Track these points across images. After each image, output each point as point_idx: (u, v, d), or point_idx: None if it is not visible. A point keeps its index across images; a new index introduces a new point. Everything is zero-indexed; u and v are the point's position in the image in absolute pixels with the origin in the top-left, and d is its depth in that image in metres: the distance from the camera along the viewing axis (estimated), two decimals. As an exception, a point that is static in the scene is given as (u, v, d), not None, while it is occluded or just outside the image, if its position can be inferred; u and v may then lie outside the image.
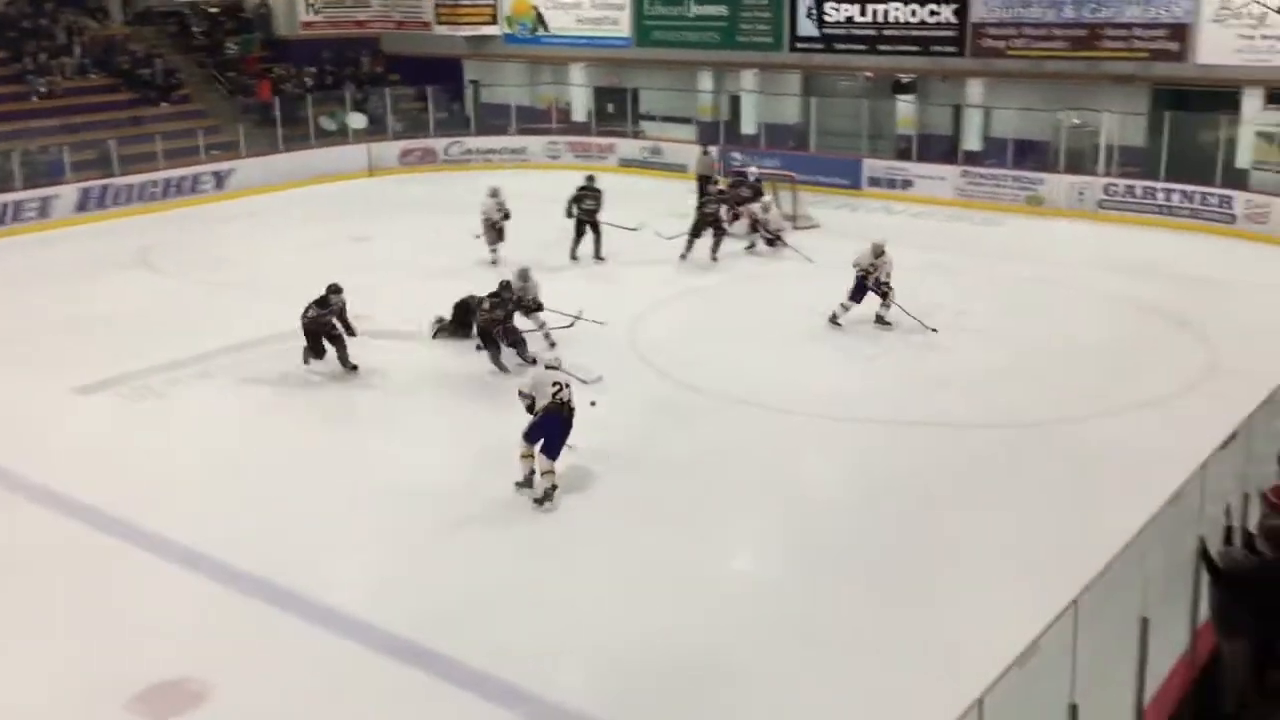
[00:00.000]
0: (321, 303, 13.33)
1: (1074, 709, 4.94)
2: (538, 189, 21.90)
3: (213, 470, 10.74)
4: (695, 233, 17.86)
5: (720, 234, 17.94)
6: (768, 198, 19.66)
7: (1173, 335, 14.22)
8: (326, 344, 13.31)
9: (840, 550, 9.18)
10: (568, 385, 10.11)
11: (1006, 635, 5.64)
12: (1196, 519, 6.45)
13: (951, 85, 24.20)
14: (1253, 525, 7.22)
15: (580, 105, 28.76)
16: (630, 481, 10.44)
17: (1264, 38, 19.70)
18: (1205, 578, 6.53)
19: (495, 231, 17.85)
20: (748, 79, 26.49)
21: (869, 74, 24.99)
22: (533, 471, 9.96)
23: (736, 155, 24.49)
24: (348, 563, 9.12)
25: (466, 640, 7.85)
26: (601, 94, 28.43)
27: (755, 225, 18.93)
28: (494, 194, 17.97)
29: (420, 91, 28.24)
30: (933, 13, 23.27)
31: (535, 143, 27.41)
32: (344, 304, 13.47)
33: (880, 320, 14.59)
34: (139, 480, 10.46)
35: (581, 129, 27.96)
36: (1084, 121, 22.17)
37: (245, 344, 14.23)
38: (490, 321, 13.20)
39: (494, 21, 29.50)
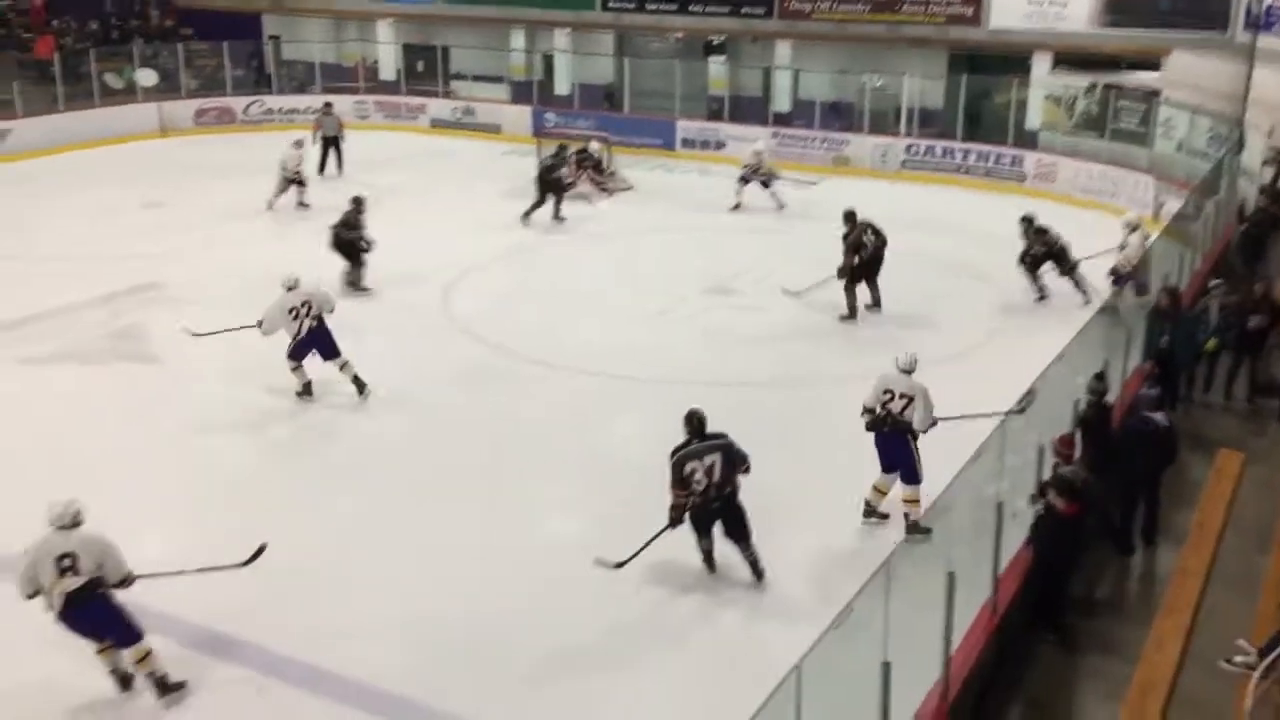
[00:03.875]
0: (348, 224, 14.06)
1: (887, 666, 5.04)
2: (346, 150, 21.22)
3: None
4: (540, 199, 17.52)
5: (560, 197, 17.72)
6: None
7: (973, 289, 14.82)
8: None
9: (650, 514, 9.14)
10: (899, 395, 8.48)
11: (821, 594, 5.74)
12: (997, 474, 6.70)
13: (761, 47, 24.52)
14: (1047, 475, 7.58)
15: (388, 63, 27.86)
16: (440, 450, 10.21)
17: (1051, 4, 20.64)
18: (1005, 528, 6.82)
19: (290, 183, 17.96)
20: (560, 38, 26.18)
21: (680, 34, 25.05)
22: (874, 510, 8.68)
23: (550, 116, 24.22)
24: (131, 553, 8.57)
25: (269, 626, 7.50)
26: (410, 52, 27.60)
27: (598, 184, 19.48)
28: (299, 145, 18.18)
29: (216, 47, 26.76)
30: (741, -26, 23.47)
31: (342, 102, 26.32)
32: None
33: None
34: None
35: (391, 88, 27.12)
36: (886, 84, 22.82)
37: (25, 319, 13.24)
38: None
39: (294, -26, 28.24)
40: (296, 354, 10.98)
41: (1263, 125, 15.61)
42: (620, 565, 7.71)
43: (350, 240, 14.10)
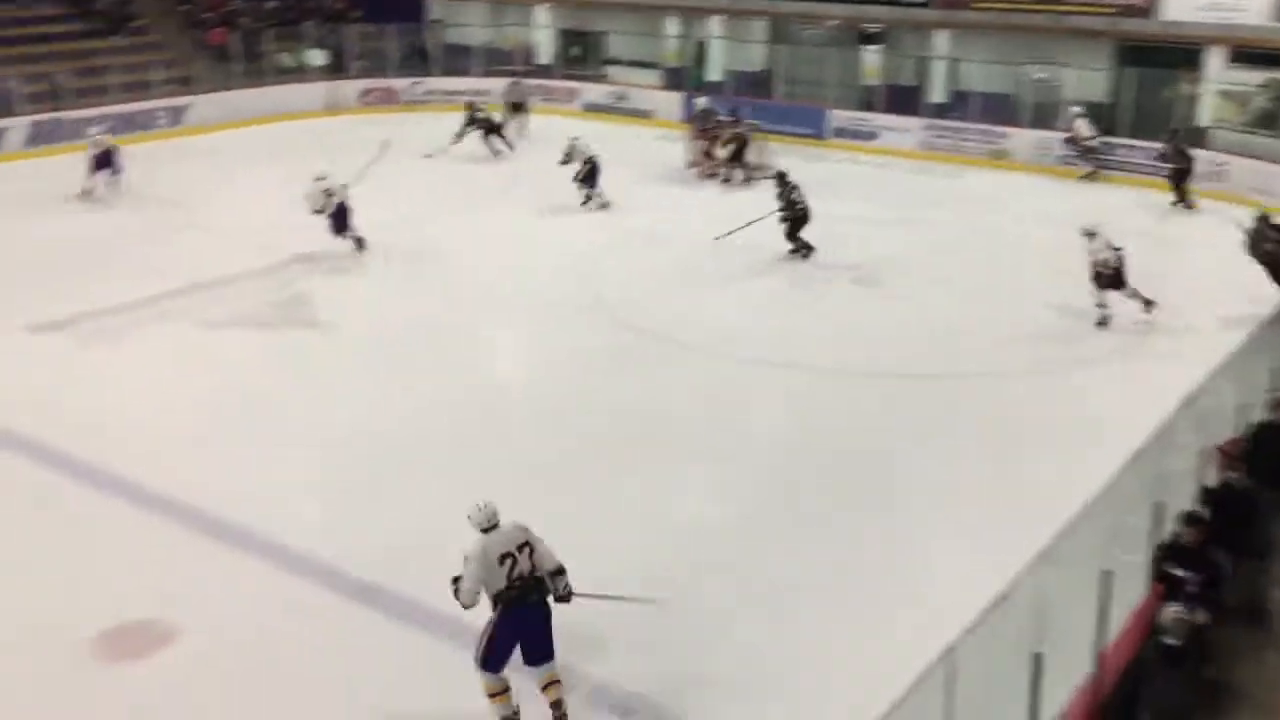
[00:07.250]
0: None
1: (1038, 658, 5.02)
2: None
3: (166, 411, 10.61)
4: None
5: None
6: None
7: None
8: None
9: (798, 497, 9.22)
10: (518, 547, 6.34)
11: (970, 585, 5.73)
12: (1155, 476, 6.57)
13: (918, 36, 24.13)
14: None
15: (545, 48, 28.38)
16: (581, 426, 10.48)
17: (1229, -5, 19.78)
18: (1162, 533, 6.68)
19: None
20: (715, 25, 26.26)
21: (835, 22, 24.84)
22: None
23: (701, 100, 24.31)
24: (303, 503, 9.09)
25: (420, 579, 7.80)
26: (567, 37, 28.06)
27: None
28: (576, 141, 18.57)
29: (382, 29, 27.70)
30: (901, -38, 23.16)
31: (499, 85, 27.03)
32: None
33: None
34: (91, 421, 10.30)
35: (547, 72, 27.62)
36: (1048, 76, 22.20)
37: (204, 285, 14.04)
38: None
39: (459, -42, 28.98)
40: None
41: None
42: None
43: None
